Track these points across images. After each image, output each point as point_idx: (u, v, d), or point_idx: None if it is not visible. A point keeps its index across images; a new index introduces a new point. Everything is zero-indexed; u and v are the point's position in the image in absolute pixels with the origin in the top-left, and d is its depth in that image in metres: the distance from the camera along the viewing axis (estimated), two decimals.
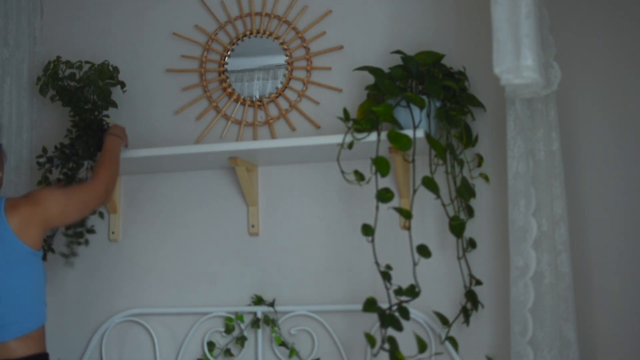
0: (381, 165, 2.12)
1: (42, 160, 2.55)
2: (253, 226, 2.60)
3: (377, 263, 2.12)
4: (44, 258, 2.32)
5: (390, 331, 2.09)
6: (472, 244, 2.36)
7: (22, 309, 1.94)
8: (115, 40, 2.82)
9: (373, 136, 2.22)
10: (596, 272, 2.30)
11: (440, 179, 2.26)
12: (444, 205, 2.25)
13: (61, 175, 2.52)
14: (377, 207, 2.13)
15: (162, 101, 2.75)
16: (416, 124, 2.20)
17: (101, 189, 2.19)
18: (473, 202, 2.37)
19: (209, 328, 2.58)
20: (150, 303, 2.65)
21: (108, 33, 2.84)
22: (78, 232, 2.60)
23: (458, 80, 2.36)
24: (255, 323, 2.53)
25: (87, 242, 2.64)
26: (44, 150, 2.57)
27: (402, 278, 2.15)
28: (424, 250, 2.13)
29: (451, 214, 2.27)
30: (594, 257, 2.31)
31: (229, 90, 2.69)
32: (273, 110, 2.66)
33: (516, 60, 1.83)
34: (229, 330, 2.56)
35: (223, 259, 2.63)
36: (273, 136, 2.62)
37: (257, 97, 2.67)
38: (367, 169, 2.19)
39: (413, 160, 2.18)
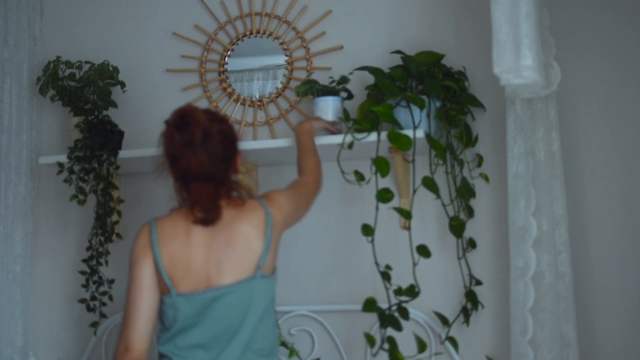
0: (381, 165, 2.12)
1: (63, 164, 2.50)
2: None
3: (377, 263, 2.12)
4: None
5: (390, 331, 2.09)
6: (472, 244, 2.36)
7: None
8: (115, 40, 2.82)
9: (373, 136, 2.22)
10: (596, 272, 2.30)
11: (440, 179, 2.26)
12: (444, 205, 2.25)
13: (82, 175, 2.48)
14: (377, 207, 2.13)
15: (162, 101, 2.74)
16: (416, 124, 2.20)
17: (318, 179, 2.13)
18: (473, 202, 2.37)
19: None
20: None
21: (108, 33, 2.84)
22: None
23: (458, 80, 2.36)
24: None
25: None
26: (60, 165, 2.50)
27: (402, 278, 2.15)
28: (424, 250, 2.13)
29: (451, 214, 2.27)
30: (594, 257, 2.31)
31: (229, 90, 2.69)
32: (273, 110, 2.66)
33: (516, 60, 1.83)
34: None
35: None
36: (273, 136, 2.62)
37: (257, 97, 2.67)
38: (367, 169, 2.19)
39: (413, 160, 2.18)
